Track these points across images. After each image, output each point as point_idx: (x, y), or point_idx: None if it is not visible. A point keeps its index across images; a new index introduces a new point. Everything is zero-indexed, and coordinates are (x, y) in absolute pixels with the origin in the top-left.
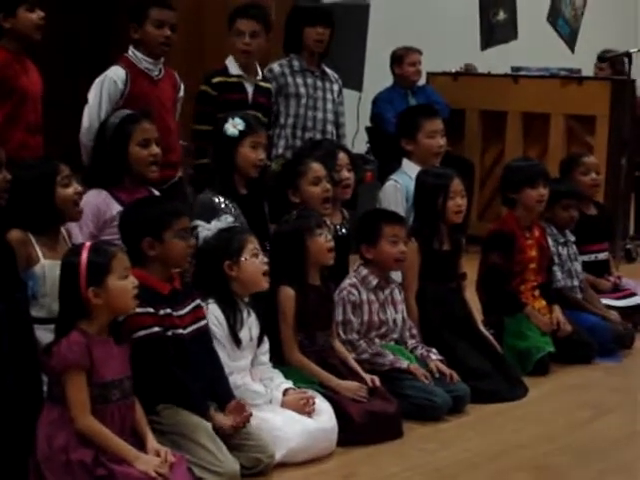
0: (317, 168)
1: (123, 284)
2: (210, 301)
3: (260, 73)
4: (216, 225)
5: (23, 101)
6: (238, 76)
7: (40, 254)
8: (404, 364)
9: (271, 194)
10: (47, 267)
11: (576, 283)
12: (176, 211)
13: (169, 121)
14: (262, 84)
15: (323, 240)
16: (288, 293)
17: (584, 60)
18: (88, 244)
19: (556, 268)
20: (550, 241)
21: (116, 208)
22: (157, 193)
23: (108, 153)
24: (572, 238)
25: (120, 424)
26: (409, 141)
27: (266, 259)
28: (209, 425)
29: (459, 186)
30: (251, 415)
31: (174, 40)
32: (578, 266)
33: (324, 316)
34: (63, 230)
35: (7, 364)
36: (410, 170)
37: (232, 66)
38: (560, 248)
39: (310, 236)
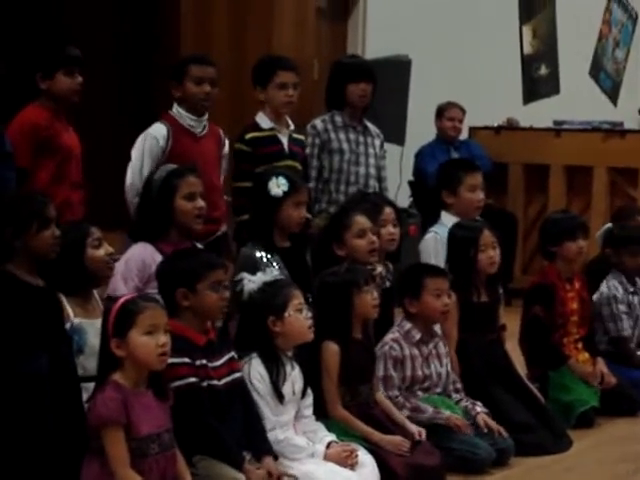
0: (362, 221)
1: (144, 340)
2: (253, 355)
3: (291, 124)
4: (261, 278)
5: (67, 159)
6: (270, 129)
7: (71, 313)
8: (443, 418)
9: (316, 248)
10: (78, 325)
11: None
12: (210, 263)
13: (213, 177)
14: (295, 135)
15: (370, 297)
16: (333, 349)
17: (626, 113)
18: (127, 296)
19: (624, 317)
20: (620, 290)
21: None
22: (201, 247)
23: (154, 207)
24: None
25: (160, 477)
26: (450, 194)
27: (310, 313)
28: (244, 478)
29: (490, 238)
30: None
31: (215, 95)
32: None
33: (366, 370)
34: (95, 293)
35: (51, 417)
36: (449, 222)
37: (263, 121)
38: (630, 297)
39: (357, 292)
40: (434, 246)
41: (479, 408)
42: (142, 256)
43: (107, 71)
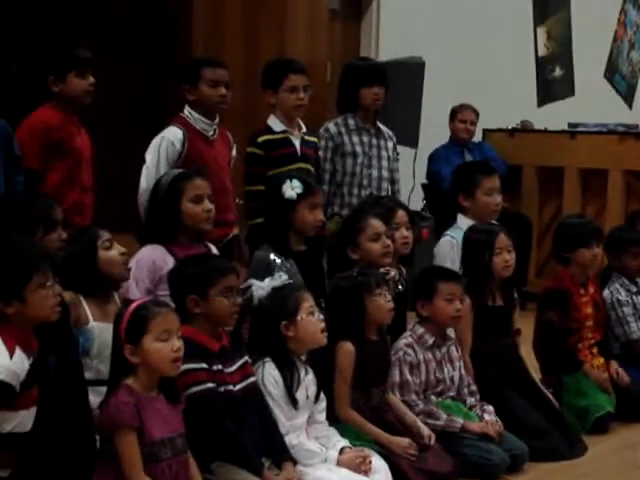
0: (376, 224)
1: (158, 346)
2: (267, 360)
3: (303, 127)
4: (270, 283)
5: (78, 162)
6: (283, 132)
7: (90, 316)
8: (457, 427)
9: (330, 252)
10: (96, 329)
11: None
12: (221, 269)
13: (225, 180)
14: (307, 137)
15: (382, 301)
16: (348, 349)
17: None
18: (139, 301)
19: (631, 319)
20: (622, 292)
21: (172, 263)
22: (214, 249)
23: (161, 210)
24: None
25: None
26: (466, 197)
27: (322, 316)
28: None
29: (505, 241)
30: None
31: (230, 97)
32: None
33: (381, 372)
34: (116, 295)
35: (59, 419)
36: (465, 225)
37: (275, 124)
38: (634, 297)
39: (369, 295)
40: (449, 250)
41: (487, 416)
42: (152, 257)
43: (118, 73)
